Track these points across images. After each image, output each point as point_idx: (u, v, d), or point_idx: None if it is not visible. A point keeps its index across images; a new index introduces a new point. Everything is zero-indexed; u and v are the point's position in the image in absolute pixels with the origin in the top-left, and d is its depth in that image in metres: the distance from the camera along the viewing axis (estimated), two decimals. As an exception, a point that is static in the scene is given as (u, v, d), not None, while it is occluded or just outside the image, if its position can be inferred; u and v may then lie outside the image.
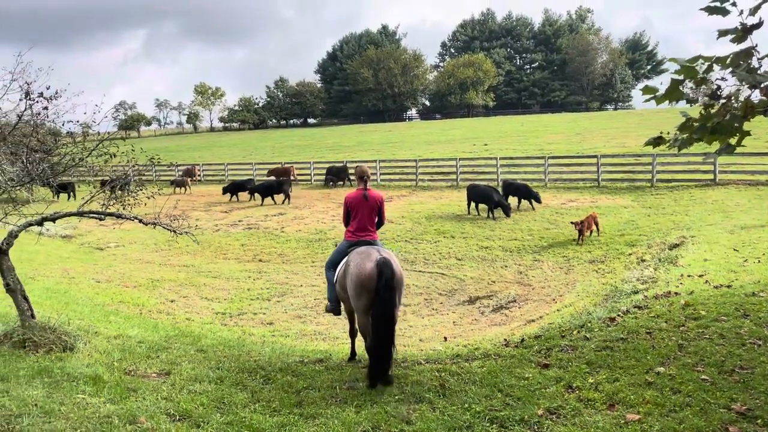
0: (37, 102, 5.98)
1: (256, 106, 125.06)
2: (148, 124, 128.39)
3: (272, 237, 20.57)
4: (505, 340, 7.58)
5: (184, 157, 53.14)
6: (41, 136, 6.16)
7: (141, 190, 7.26)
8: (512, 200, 21.81)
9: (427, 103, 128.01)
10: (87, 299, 11.48)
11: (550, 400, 5.11)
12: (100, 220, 7.06)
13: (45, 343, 6.10)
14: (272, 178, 31.66)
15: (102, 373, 5.49)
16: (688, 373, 5.41)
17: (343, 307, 6.93)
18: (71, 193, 34.42)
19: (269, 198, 27.29)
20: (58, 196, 34.35)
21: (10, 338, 6.08)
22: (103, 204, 7.13)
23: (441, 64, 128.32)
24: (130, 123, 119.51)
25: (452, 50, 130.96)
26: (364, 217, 6.77)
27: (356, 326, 6.93)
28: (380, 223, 7.04)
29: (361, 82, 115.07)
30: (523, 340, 7.27)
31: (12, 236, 6.35)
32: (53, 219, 6.59)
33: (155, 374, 5.77)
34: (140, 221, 7.03)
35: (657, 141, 5.38)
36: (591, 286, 13.01)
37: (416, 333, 10.91)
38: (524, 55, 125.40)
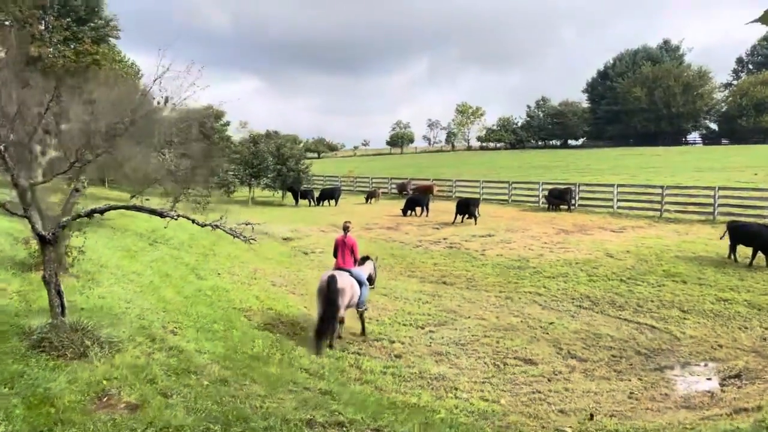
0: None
1: (514, 125, 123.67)
2: (411, 141, 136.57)
3: (469, 259, 18.99)
4: None
5: (426, 173, 54.26)
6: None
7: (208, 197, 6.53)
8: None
9: (714, 126, 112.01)
10: (227, 301, 11.37)
11: None
12: (161, 217, 6.45)
13: (62, 346, 5.60)
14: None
15: (57, 397, 4.66)
16: None
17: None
18: (311, 200, 36.69)
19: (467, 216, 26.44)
20: (297, 202, 36.88)
21: (30, 336, 5.72)
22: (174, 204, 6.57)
23: (734, 82, 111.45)
24: (395, 140, 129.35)
25: (749, 66, 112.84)
26: (343, 253, 11.11)
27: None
28: (355, 258, 11.31)
29: (632, 102, 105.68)
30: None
31: (59, 227, 6.04)
32: (101, 211, 6.16)
33: (123, 406, 4.79)
34: (193, 221, 6.25)
35: None
36: None
37: (565, 400, 8.31)
38: None
